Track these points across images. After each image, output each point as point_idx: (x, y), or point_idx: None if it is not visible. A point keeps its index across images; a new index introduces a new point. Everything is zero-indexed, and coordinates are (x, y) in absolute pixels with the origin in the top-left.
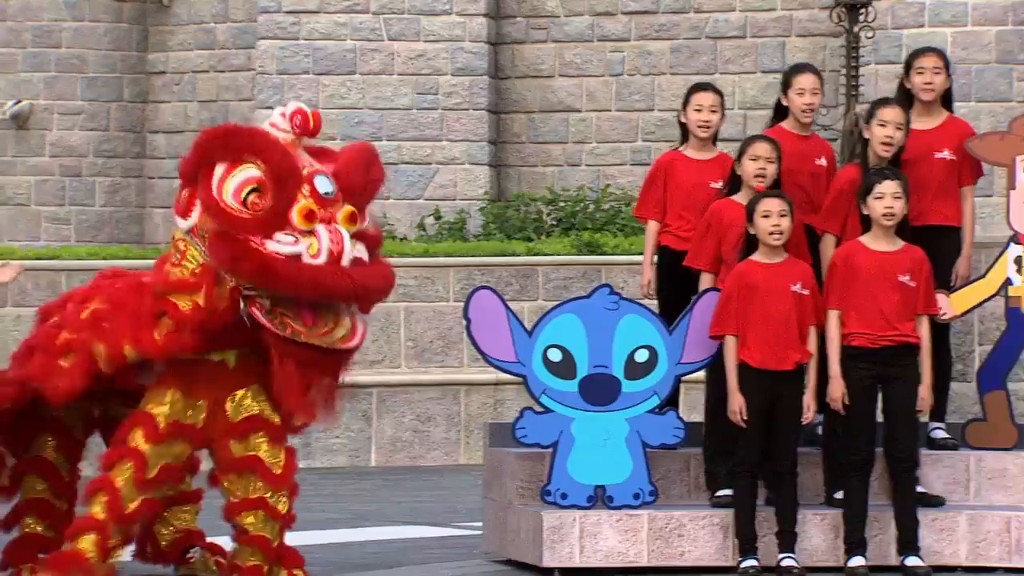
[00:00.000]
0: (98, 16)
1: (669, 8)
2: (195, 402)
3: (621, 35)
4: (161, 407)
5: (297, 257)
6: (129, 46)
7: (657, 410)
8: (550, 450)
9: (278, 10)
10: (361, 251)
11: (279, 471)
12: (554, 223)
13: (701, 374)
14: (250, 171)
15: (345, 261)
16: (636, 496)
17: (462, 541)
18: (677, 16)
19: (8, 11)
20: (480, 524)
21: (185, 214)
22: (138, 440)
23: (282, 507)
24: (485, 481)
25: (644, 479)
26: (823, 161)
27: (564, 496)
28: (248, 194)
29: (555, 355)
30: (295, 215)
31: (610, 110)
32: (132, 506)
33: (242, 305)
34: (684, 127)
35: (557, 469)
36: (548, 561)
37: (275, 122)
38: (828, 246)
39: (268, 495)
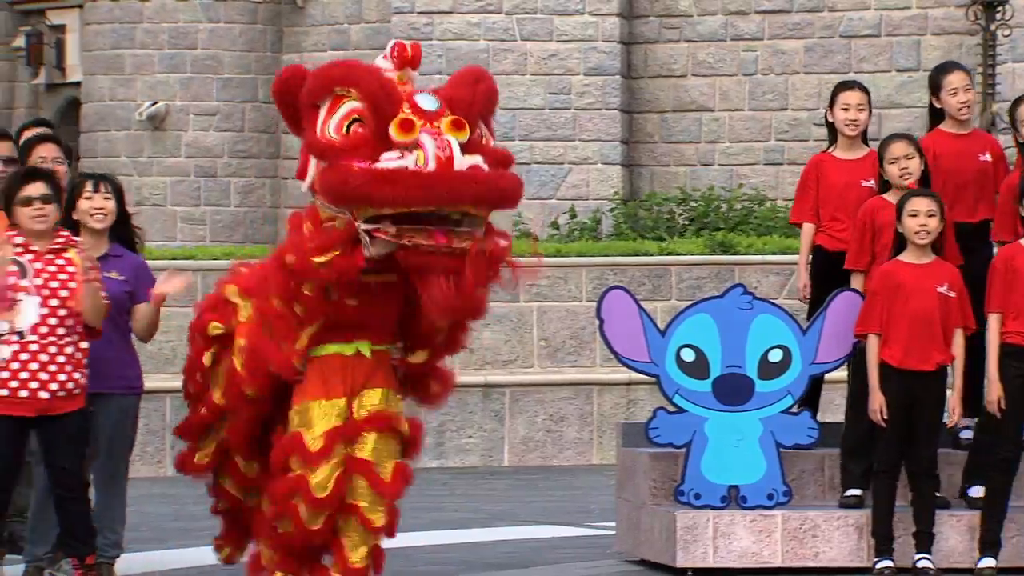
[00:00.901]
0: (233, 18)
1: (803, 7)
2: (335, 400)
3: (754, 34)
4: (311, 428)
5: (401, 170)
6: (263, 47)
7: (791, 410)
8: (683, 450)
9: (411, 11)
10: (477, 162)
11: (387, 480)
12: (686, 222)
13: (835, 374)
14: (349, 103)
15: (456, 167)
16: (770, 496)
17: (594, 541)
18: (811, 15)
19: (145, 13)
20: (613, 524)
21: (302, 174)
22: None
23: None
24: (618, 481)
25: (778, 479)
26: (987, 156)
27: (697, 496)
28: (350, 125)
29: (688, 355)
30: (393, 129)
31: (743, 109)
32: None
33: (365, 239)
34: (831, 126)
35: (690, 469)
36: (681, 561)
37: (378, 64)
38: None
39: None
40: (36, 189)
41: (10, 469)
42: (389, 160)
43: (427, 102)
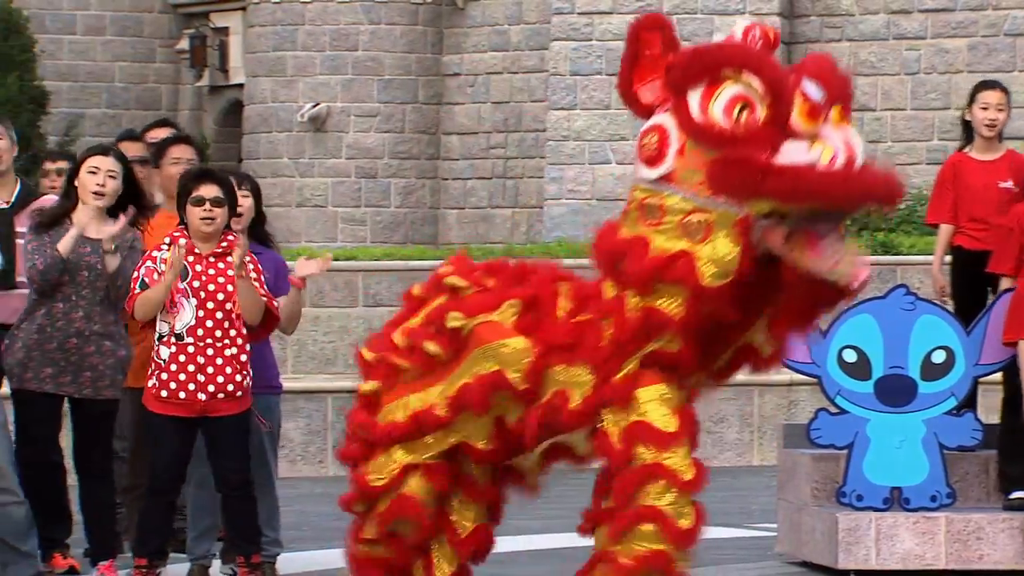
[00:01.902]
0: (394, 19)
1: (966, 5)
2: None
3: (917, 33)
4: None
5: (812, 165)
6: (424, 48)
7: (954, 412)
8: (845, 451)
9: (571, 11)
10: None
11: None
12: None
13: (998, 375)
14: (733, 88)
15: (860, 163)
16: (933, 498)
17: (756, 542)
18: (975, 13)
19: (306, 15)
20: (774, 525)
21: (656, 161)
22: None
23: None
24: (779, 482)
25: (941, 481)
26: (1009, 184)
27: (859, 498)
28: (739, 112)
29: (850, 356)
30: (798, 117)
31: (905, 109)
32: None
33: (758, 237)
34: (967, 125)
35: (852, 470)
36: (844, 563)
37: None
38: None
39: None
40: (209, 191)
41: (175, 467)
42: (794, 151)
43: (813, 88)
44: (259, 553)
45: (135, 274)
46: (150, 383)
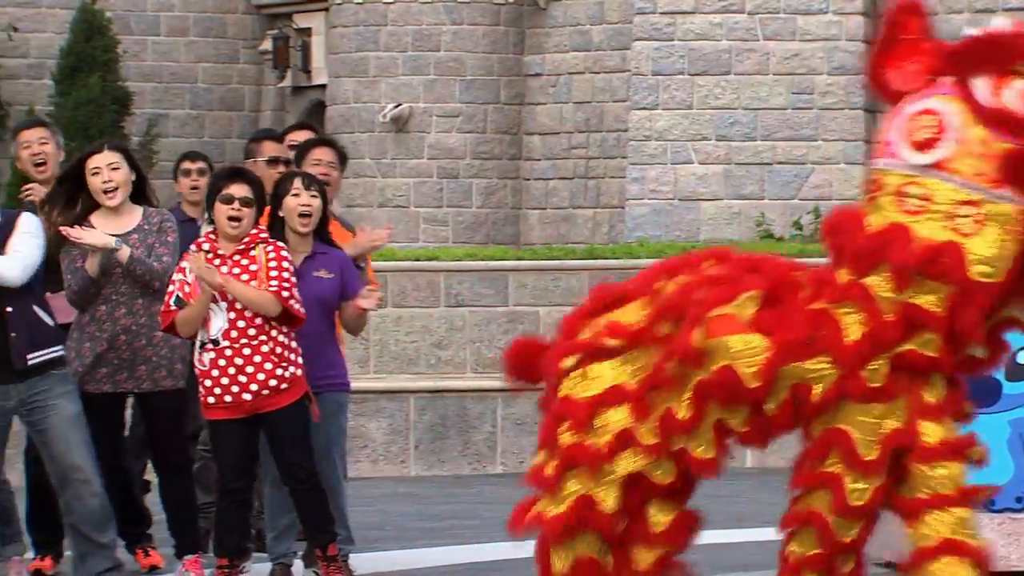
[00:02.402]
0: (476, 19)
1: None
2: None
3: None
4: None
5: None
6: (506, 48)
7: None
8: None
9: (653, 11)
10: None
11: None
12: None
13: None
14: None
15: None
16: (1019, 500)
17: None
18: None
19: (389, 16)
20: None
21: (929, 146)
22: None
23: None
24: None
25: None
26: None
27: None
28: None
29: None
30: None
31: None
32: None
33: None
34: None
35: None
36: None
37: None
38: None
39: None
40: (239, 190)
41: (239, 466)
42: None
43: None
44: (334, 543)
45: (170, 288)
46: (200, 390)
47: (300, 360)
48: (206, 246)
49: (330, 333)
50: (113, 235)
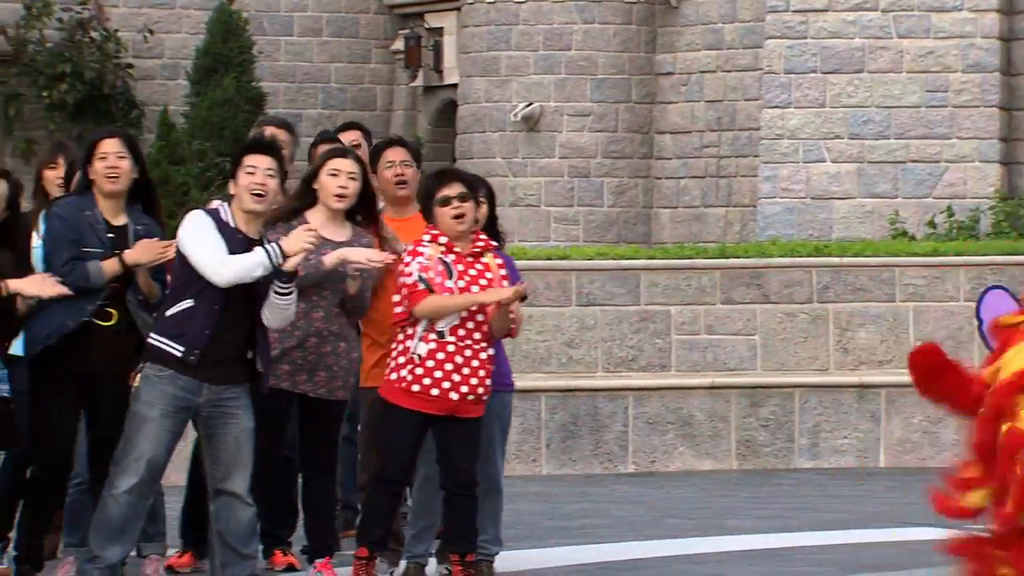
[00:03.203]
0: (607, 18)
1: None
2: None
3: None
4: None
5: None
6: (637, 47)
7: None
8: None
9: (786, 9)
10: None
11: None
12: None
13: None
14: None
15: None
16: None
17: None
18: None
19: (520, 15)
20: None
21: None
22: None
23: None
24: None
25: None
26: None
27: None
28: None
29: None
30: None
31: None
32: None
33: None
34: None
35: None
36: None
37: None
38: None
39: None
40: (453, 189)
41: (406, 459)
42: None
43: None
44: (474, 552)
45: (407, 269)
46: (396, 375)
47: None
48: (442, 239)
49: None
50: (330, 241)
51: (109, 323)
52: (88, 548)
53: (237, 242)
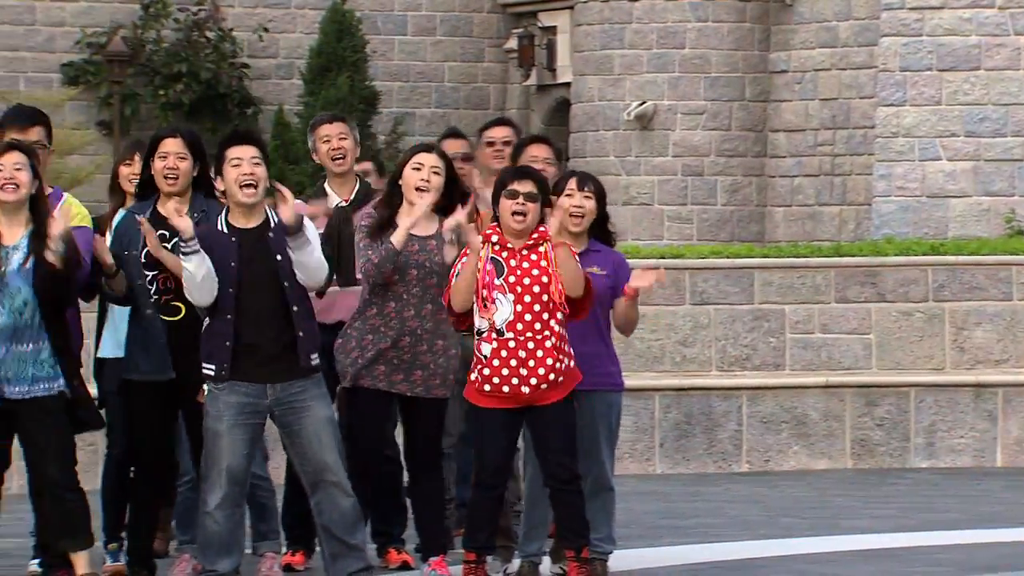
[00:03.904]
0: (721, 17)
1: None
2: None
3: None
4: None
5: None
6: (751, 45)
7: None
8: None
9: (901, 7)
10: None
11: None
12: None
13: None
14: None
15: None
16: None
17: None
18: None
19: (634, 13)
20: None
21: None
22: None
23: None
24: None
25: None
26: None
27: None
28: None
29: None
30: None
31: None
32: None
33: None
34: None
35: None
36: None
37: None
38: None
39: None
40: (524, 186)
41: (501, 460)
42: None
43: None
44: (588, 547)
45: (452, 271)
46: (473, 377)
47: (572, 351)
48: (495, 238)
49: (600, 331)
50: (416, 236)
51: (177, 317)
52: (200, 560)
53: (229, 245)
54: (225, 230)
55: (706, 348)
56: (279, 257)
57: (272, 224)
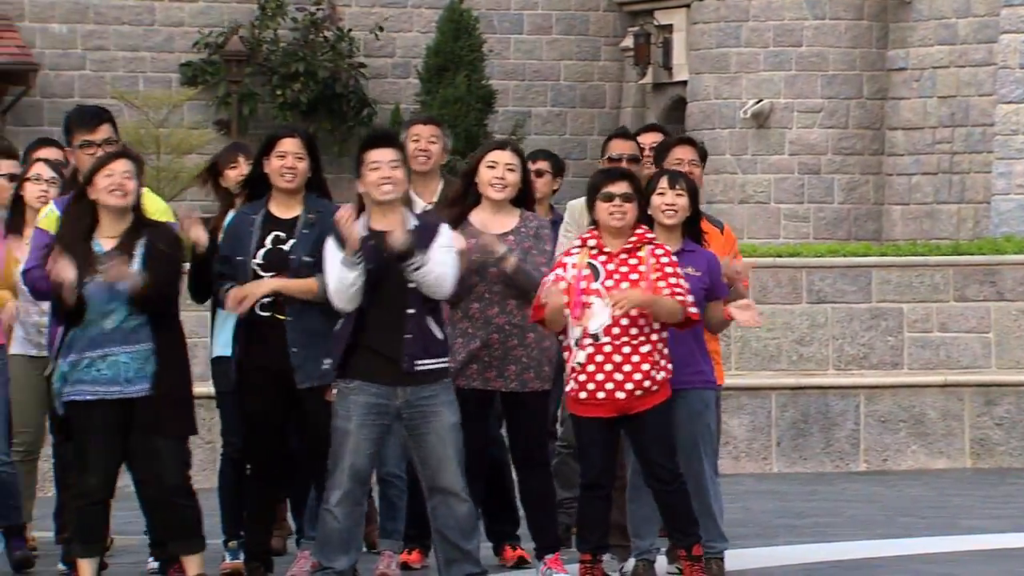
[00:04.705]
0: (838, 14)
1: None
2: None
3: None
4: None
5: None
6: (869, 43)
7: None
8: None
9: (1021, 3)
10: None
11: None
12: None
13: None
14: None
15: None
16: None
17: None
18: None
19: (750, 11)
20: None
21: None
22: None
23: None
24: None
25: None
26: None
27: None
28: None
29: None
30: None
31: None
32: None
33: None
34: None
35: None
36: None
37: None
38: None
39: None
40: (619, 187)
41: (602, 464)
42: None
43: None
44: (699, 543)
45: (548, 277)
46: (568, 386)
47: (669, 366)
48: (592, 242)
49: (697, 330)
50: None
51: (290, 317)
52: (317, 556)
53: (370, 249)
54: (365, 232)
55: (823, 347)
56: None
57: (408, 227)
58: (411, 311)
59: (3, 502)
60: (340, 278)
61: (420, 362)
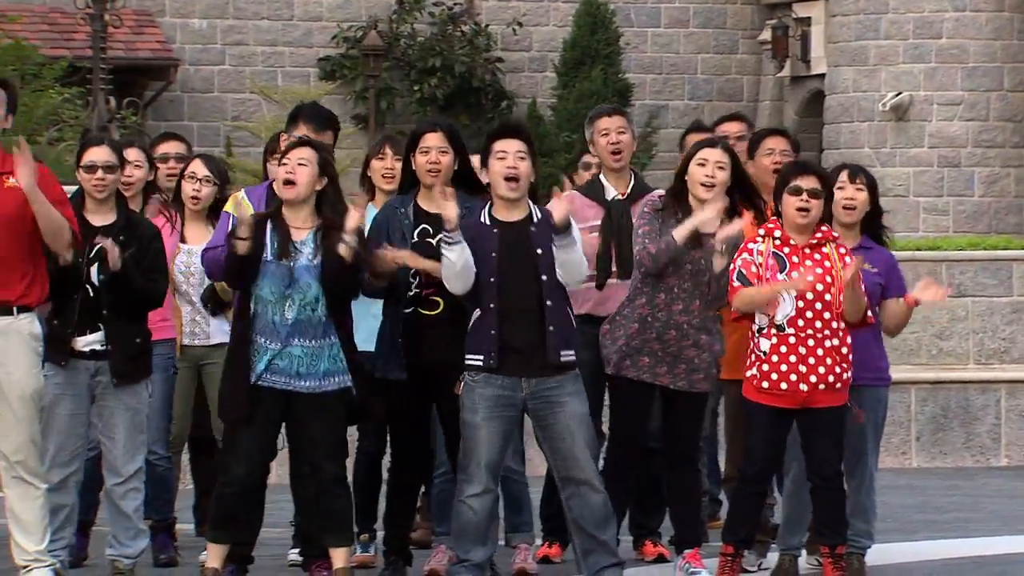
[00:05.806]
0: (979, 6)
1: None
2: None
3: None
4: None
5: None
6: (1010, 35)
7: None
8: None
9: None
10: None
11: None
12: None
13: None
14: None
15: None
16: None
17: None
18: None
19: (890, 3)
20: None
21: None
22: None
23: None
24: None
25: None
26: None
27: None
28: None
29: None
30: None
31: None
32: None
33: None
34: None
35: None
36: None
37: None
38: None
39: None
40: (807, 182)
41: (769, 456)
42: None
43: None
44: (844, 544)
45: (732, 265)
46: (750, 373)
47: (850, 370)
48: (777, 233)
49: (873, 328)
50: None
51: (436, 311)
52: (454, 548)
53: (491, 237)
54: (488, 222)
55: (963, 341)
56: (539, 251)
57: (535, 219)
58: (550, 303)
59: (158, 496)
60: (445, 259)
61: (565, 353)
